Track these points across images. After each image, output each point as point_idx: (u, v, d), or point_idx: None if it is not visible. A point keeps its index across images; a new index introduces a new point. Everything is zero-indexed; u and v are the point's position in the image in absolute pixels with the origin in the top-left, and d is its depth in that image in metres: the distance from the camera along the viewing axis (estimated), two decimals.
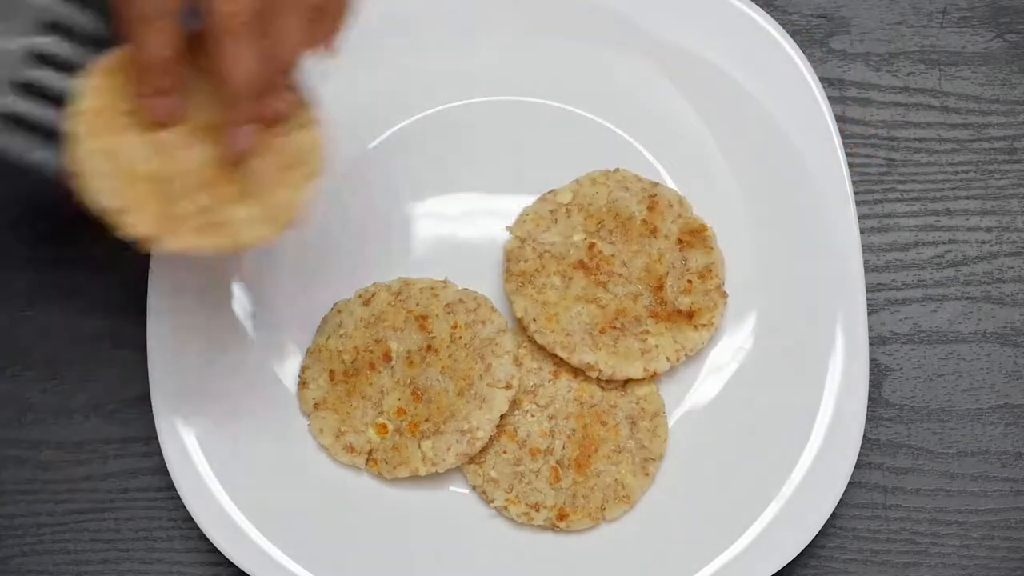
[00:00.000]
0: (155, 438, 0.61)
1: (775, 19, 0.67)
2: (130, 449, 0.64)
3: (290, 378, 0.63)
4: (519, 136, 0.67)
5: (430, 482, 0.61)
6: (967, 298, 0.67)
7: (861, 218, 0.66)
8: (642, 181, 0.65)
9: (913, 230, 0.68)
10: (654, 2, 0.67)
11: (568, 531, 0.60)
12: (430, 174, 0.66)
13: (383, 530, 0.60)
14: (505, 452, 0.61)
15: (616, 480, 0.61)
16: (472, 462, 0.61)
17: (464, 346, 0.62)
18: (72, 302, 0.66)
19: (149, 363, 0.61)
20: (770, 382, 0.62)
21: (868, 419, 0.63)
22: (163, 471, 0.61)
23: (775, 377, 0.62)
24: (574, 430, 0.61)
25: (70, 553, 0.63)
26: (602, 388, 0.62)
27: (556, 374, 0.62)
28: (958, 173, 0.69)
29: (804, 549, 0.59)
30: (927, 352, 0.66)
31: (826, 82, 0.69)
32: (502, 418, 0.61)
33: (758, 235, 0.65)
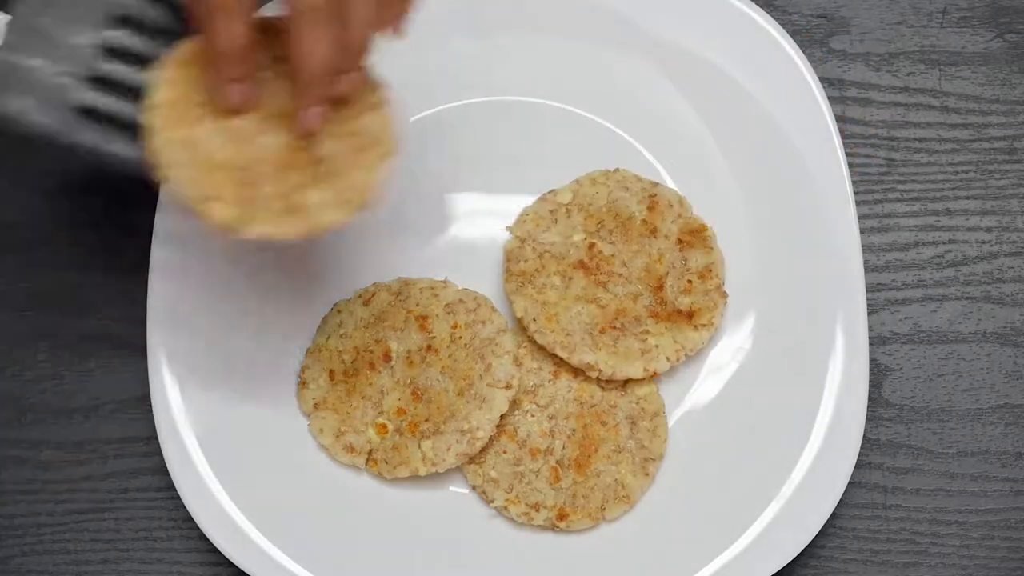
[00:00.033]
0: (155, 438, 0.61)
1: (775, 19, 0.67)
2: (130, 449, 0.64)
3: (290, 378, 0.63)
4: (519, 136, 0.67)
5: (430, 482, 0.61)
6: (967, 298, 0.67)
7: (861, 218, 0.66)
8: (642, 181, 0.65)
9: (913, 230, 0.68)
10: (654, 2, 0.67)
11: (568, 531, 0.60)
12: (430, 174, 0.66)
13: (383, 530, 0.60)
14: (505, 452, 0.61)
15: (616, 480, 0.61)
16: (472, 462, 0.61)
17: (464, 346, 0.62)
18: (72, 302, 0.66)
19: (149, 363, 0.61)
20: (770, 382, 0.62)
21: (868, 419, 0.63)
22: (163, 471, 0.61)
23: (775, 377, 0.62)
24: (574, 430, 0.61)
25: (70, 553, 0.63)
26: (602, 388, 0.62)
27: (556, 374, 0.62)
28: (958, 173, 0.69)
29: (804, 549, 0.59)
30: (927, 352, 0.66)
31: (826, 82, 0.69)
32: (502, 418, 0.61)
33: (758, 235, 0.65)
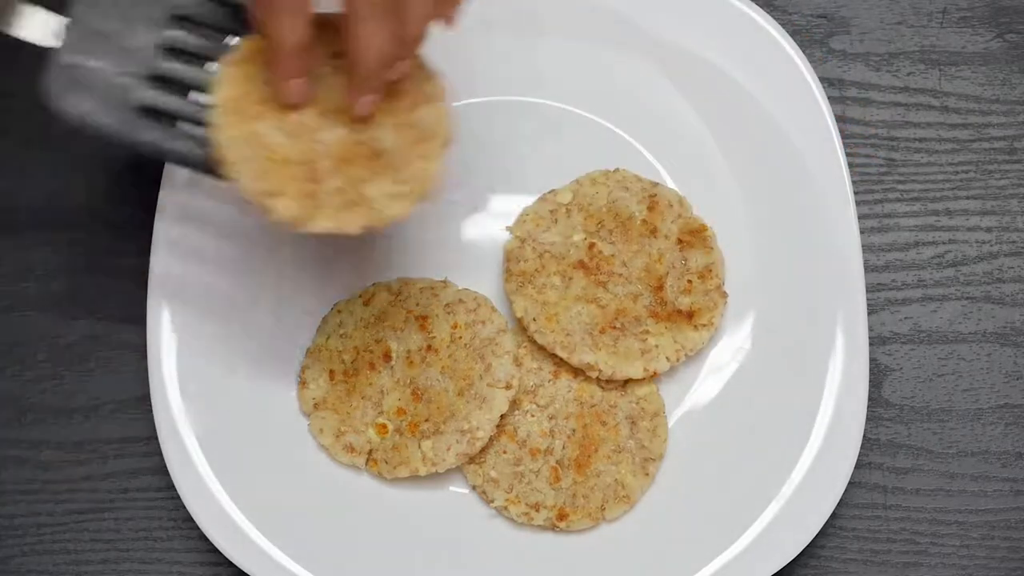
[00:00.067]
0: (155, 438, 0.61)
1: (775, 19, 0.67)
2: (130, 449, 0.64)
3: (290, 378, 0.63)
4: (519, 136, 0.67)
5: (430, 482, 0.61)
6: (967, 298, 0.67)
7: (861, 218, 0.66)
8: (642, 181, 0.65)
9: (913, 230, 0.68)
10: (654, 2, 0.67)
11: (568, 531, 0.60)
12: None
13: (383, 530, 0.60)
14: (505, 452, 0.61)
15: (616, 480, 0.61)
16: (472, 462, 0.61)
17: (464, 346, 0.62)
18: (72, 303, 0.66)
19: (149, 363, 0.61)
20: (770, 382, 0.62)
21: (868, 419, 0.63)
22: (163, 471, 0.61)
23: (775, 377, 0.62)
24: (574, 430, 0.61)
25: (70, 553, 0.63)
26: (602, 388, 0.62)
27: (556, 374, 0.62)
28: (958, 173, 0.69)
29: (804, 549, 0.59)
30: (927, 352, 0.66)
31: (826, 82, 0.69)
32: (502, 418, 0.60)
33: (758, 235, 0.65)
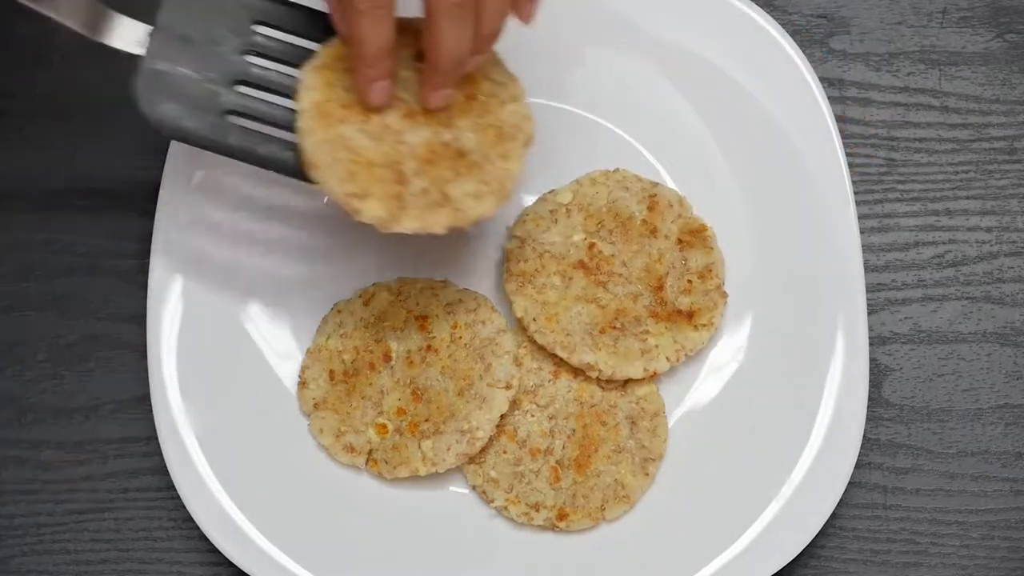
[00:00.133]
0: (155, 438, 0.61)
1: (775, 19, 0.67)
2: (130, 449, 0.64)
3: (290, 378, 0.63)
4: None
5: (430, 482, 0.61)
6: (967, 298, 0.67)
7: (861, 218, 0.66)
8: (642, 181, 0.65)
9: (913, 230, 0.68)
10: (654, 2, 0.67)
11: (568, 531, 0.60)
12: None
13: (383, 530, 0.60)
14: (505, 452, 0.61)
15: (616, 480, 0.61)
16: (472, 462, 0.61)
17: (464, 346, 0.62)
18: (72, 303, 0.66)
19: (149, 363, 0.61)
20: (770, 382, 0.62)
21: (868, 419, 0.63)
22: (163, 471, 0.61)
23: (775, 377, 0.62)
24: (574, 430, 0.61)
25: (70, 553, 0.63)
26: (602, 388, 0.62)
27: (556, 374, 0.62)
28: (958, 173, 0.69)
29: (804, 549, 0.59)
30: (927, 352, 0.66)
31: (826, 82, 0.69)
32: (502, 418, 0.60)
33: (758, 235, 0.65)
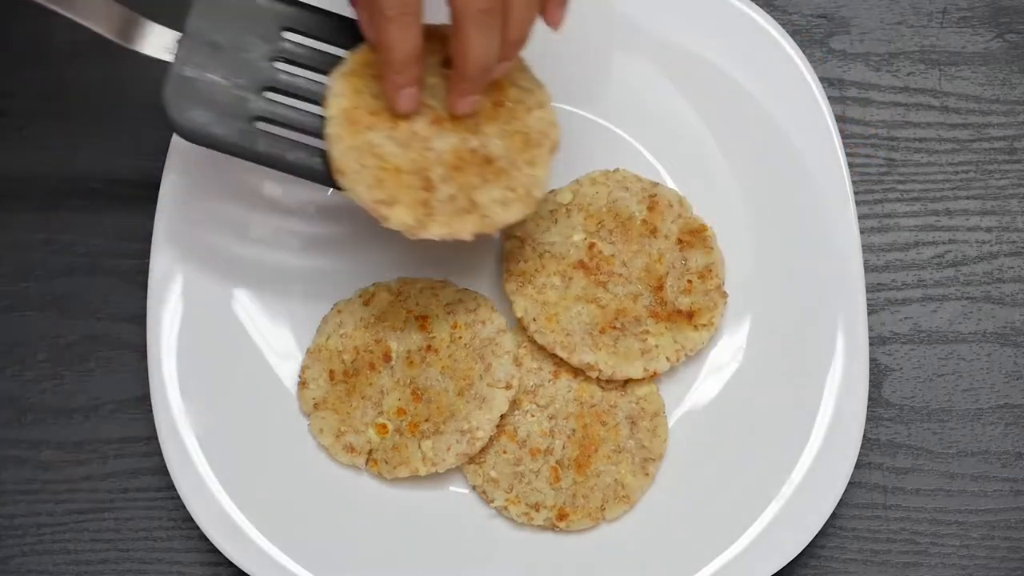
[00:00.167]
0: (155, 438, 0.60)
1: (775, 19, 0.67)
2: (130, 449, 0.64)
3: (290, 378, 0.63)
4: None
5: (430, 482, 0.61)
6: (967, 298, 0.67)
7: (861, 218, 0.66)
8: (642, 181, 0.65)
9: (913, 230, 0.68)
10: (654, 2, 0.67)
11: (568, 531, 0.60)
12: None
13: (383, 530, 0.60)
14: (505, 452, 0.61)
15: (616, 480, 0.61)
16: (472, 462, 0.61)
17: (464, 346, 0.61)
18: (72, 303, 0.66)
19: (149, 363, 0.61)
20: (770, 382, 0.62)
21: (868, 419, 0.63)
22: (163, 471, 0.61)
23: (775, 377, 0.62)
24: (574, 430, 0.61)
25: (70, 553, 0.63)
26: (602, 388, 0.62)
27: (556, 374, 0.62)
28: (958, 173, 0.69)
29: (804, 549, 0.59)
30: (927, 352, 0.66)
31: (826, 82, 0.69)
32: (502, 418, 0.60)
33: (758, 235, 0.65)
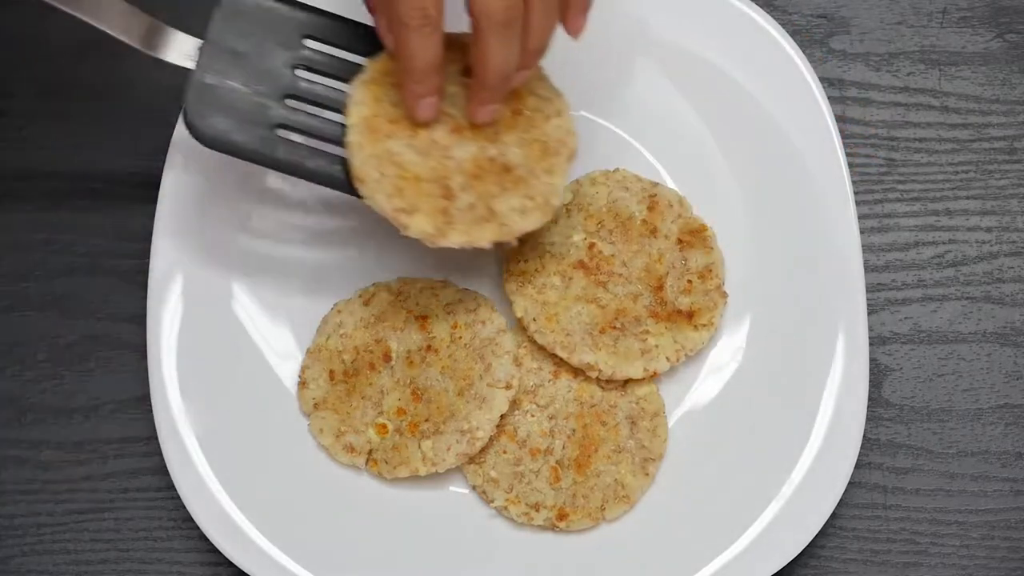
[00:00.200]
0: (155, 438, 0.60)
1: (775, 19, 0.67)
2: (130, 449, 0.64)
3: (290, 378, 0.63)
4: None
5: (430, 482, 0.61)
6: (967, 298, 0.67)
7: (861, 218, 0.66)
8: (642, 181, 0.65)
9: (913, 230, 0.68)
10: (655, 2, 0.67)
11: (568, 531, 0.60)
12: None
13: (383, 530, 0.60)
14: (505, 452, 0.61)
15: (616, 480, 0.61)
16: (472, 462, 0.61)
17: (464, 346, 0.61)
18: (72, 303, 0.66)
19: (149, 363, 0.61)
20: (770, 382, 0.62)
21: (868, 419, 0.63)
22: (163, 471, 0.61)
23: (775, 377, 0.62)
24: (574, 430, 0.61)
25: (70, 553, 0.63)
26: (602, 388, 0.62)
27: (556, 374, 0.62)
28: (958, 173, 0.69)
29: (804, 549, 0.59)
30: (927, 352, 0.66)
31: (826, 82, 0.69)
32: (502, 418, 0.60)
33: (758, 235, 0.65)
